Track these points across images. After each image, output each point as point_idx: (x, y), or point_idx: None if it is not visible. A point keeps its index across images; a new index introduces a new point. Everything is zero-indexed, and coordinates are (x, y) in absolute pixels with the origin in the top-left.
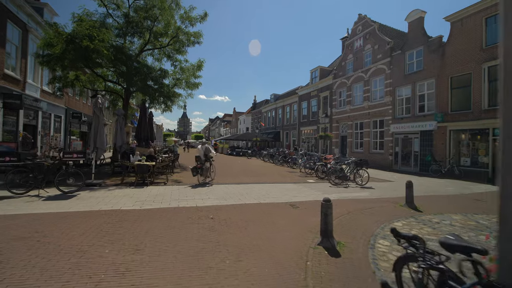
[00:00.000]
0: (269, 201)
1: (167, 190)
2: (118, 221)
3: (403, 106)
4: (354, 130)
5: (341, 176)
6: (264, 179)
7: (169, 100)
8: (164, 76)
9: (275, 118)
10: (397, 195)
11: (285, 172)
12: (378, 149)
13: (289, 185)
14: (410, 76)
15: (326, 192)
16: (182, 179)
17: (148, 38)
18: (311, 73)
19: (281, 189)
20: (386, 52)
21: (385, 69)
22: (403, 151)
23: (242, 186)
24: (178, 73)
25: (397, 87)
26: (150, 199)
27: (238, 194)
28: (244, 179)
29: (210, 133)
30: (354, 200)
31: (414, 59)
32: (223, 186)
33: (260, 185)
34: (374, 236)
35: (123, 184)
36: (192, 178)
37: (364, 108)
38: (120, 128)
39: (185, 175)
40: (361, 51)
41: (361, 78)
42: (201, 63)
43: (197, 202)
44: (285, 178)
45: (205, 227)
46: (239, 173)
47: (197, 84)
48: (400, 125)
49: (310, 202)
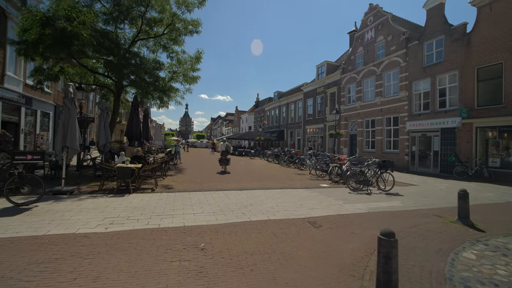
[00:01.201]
0: (280, 216)
1: (152, 200)
2: (61, 257)
3: (421, 102)
4: (365, 128)
5: (362, 180)
6: (271, 183)
7: (165, 95)
8: (159, 68)
9: (279, 116)
10: (434, 204)
11: (293, 174)
12: (392, 149)
13: (301, 191)
14: (429, 68)
15: (348, 200)
16: (174, 184)
17: (140, 25)
18: (317, 68)
19: (293, 197)
20: (401, 43)
21: (400, 61)
22: (420, 150)
23: (245, 193)
24: (175, 66)
25: (413, 81)
26: (125, 214)
27: (241, 206)
28: (247, 183)
29: (212, 132)
30: (389, 214)
31: (434, 50)
32: (223, 193)
33: (267, 192)
34: (450, 281)
35: (101, 191)
36: (185, 183)
37: (376, 104)
38: (104, 125)
39: (179, 179)
40: (372, 43)
41: (373, 72)
42: (200, 55)
43: (186, 218)
44: (294, 182)
45: (191, 269)
46: (242, 175)
47: (195, 78)
48: (417, 122)
49: (333, 218)
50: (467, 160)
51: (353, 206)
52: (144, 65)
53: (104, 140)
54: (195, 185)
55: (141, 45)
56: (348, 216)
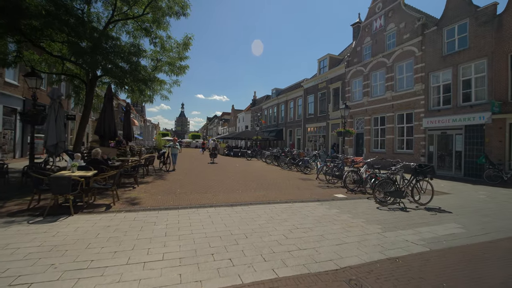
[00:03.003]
0: (296, 268)
1: (95, 228)
2: None
3: (440, 95)
4: (373, 126)
5: (394, 192)
6: (273, 194)
7: (146, 86)
8: (138, 54)
9: (277, 114)
10: (510, 229)
11: (297, 179)
12: (405, 149)
13: (314, 206)
14: (450, 57)
15: (386, 223)
16: (144, 198)
17: (115, 2)
18: (319, 62)
19: (306, 219)
20: (415, 30)
21: (415, 51)
22: (439, 151)
23: (238, 211)
24: (159, 54)
25: (431, 72)
26: (23, 264)
27: (229, 240)
28: (242, 194)
29: (208, 132)
30: (460, 251)
31: (456, 36)
32: (206, 212)
33: (269, 209)
34: None
35: (29, 211)
36: (159, 195)
37: (387, 100)
38: (55, 119)
39: (154, 189)
40: (381, 32)
41: (383, 64)
42: (189, 41)
43: (125, 276)
44: (301, 191)
45: None
46: (235, 182)
47: (183, 68)
48: (436, 118)
49: (383, 268)
50: (499, 162)
51: (400, 236)
52: (119, 49)
53: (55, 139)
54: (171, 198)
55: (119, 29)
56: (406, 262)
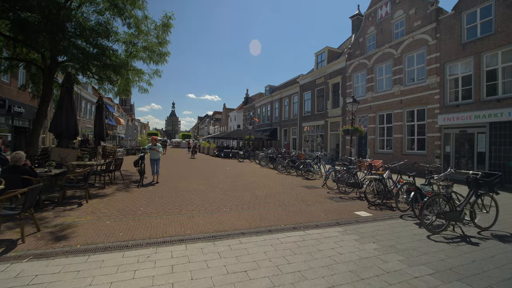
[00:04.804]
0: None
1: None
2: None
3: (459, 89)
4: (378, 124)
5: (450, 213)
6: (274, 214)
7: (117, 74)
8: (107, 35)
9: (271, 113)
10: None
11: (300, 187)
12: (416, 149)
13: (336, 235)
14: (471, 45)
15: (466, 274)
16: (83, 225)
17: None
18: (316, 56)
19: (334, 268)
20: (428, 16)
21: (428, 39)
22: (458, 152)
23: (223, 253)
24: (134, 37)
25: (447, 63)
26: None
27: None
28: (231, 215)
29: (199, 131)
30: None
31: (478, 21)
32: (169, 254)
33: (272, 245)
34: None
35: None
36: (104, 223)
37: (394, 95)
38: None
39: (107, 207)
40: (388, 20)
41: (390, 55)
42: (169, 21)
43: None
44: (311, 208)
45: None
46: (223, 194)
47: (163, 55)
48: (453, 115)
49: None
50: None
51: None
52: (80, 26)
53: None
54: (126, 224)
55: (89, 8)
56: None
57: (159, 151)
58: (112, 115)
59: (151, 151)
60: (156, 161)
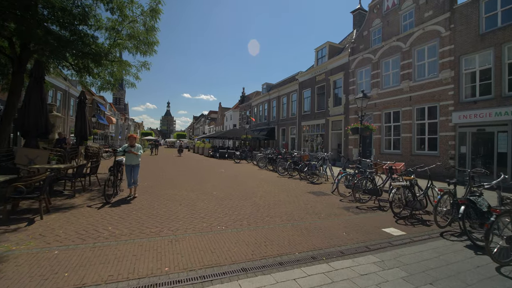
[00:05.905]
0: None
1: None
2: None
3: (476, 84)
4: (384, 123)
5: None
6: (282, 235)
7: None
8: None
9: (269, 112)
10: None
11: (308, 194)
12: (427, 150)
13: (373, 272)
14: (490, 35)
15: None
16: (15, 262)
17: None
18: (317, 52)
19: None
20: (441, 5)
21: (441, 30)
22: (474, 152)
23: None
24: (118, 23)
25: (463, 56)
26: None
27: None
28: (226, 236)
29: (195, 131)
30: None
31: (499, 8)
32: None
33: None
34: None
35: None
36: (47, 255)
37: (402, 91)
38: None
39: (65, 224)
40: (395, 11)
41: (397, 48)
42: (157, 6)
43: None
44: (327, 223)
45: None
46: (217, 203)
47: (152, 44)
48: (470, 112)
49: None
50: None
51: None
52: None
53: None
54: (82, 255)
55: None
56: None
57: (138, 155)
58: (104, 114)
59: (127, 154)
60: (133, 167)
